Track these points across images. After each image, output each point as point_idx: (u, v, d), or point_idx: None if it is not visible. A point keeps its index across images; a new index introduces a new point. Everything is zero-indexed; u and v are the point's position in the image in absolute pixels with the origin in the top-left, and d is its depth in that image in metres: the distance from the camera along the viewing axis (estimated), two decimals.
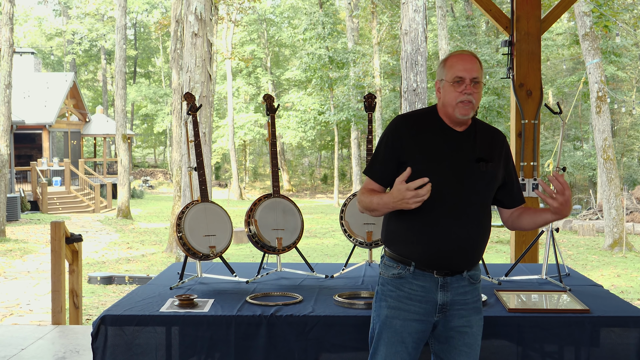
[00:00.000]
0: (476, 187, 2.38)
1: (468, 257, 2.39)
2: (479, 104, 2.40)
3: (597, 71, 14.87)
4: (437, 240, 2.35)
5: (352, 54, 29.28)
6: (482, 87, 2.39)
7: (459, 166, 2.36)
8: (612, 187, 14.77)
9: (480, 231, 2.40)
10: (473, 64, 2.38)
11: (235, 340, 2.84)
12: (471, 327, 2.43)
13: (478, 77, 2.37)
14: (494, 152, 2.44)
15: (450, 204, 2.34)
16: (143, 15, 45.03)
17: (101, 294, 9.72)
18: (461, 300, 2.41)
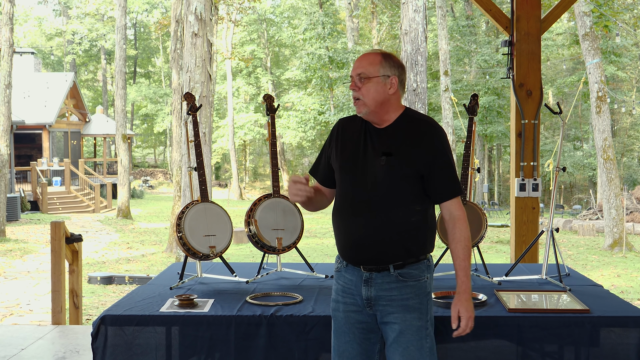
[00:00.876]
0: (381, 182, 2.38)
1: (373, 251, 2.40)
2: (372, 98, 2.39)
3: (597, 71, 14.87)
4: (344, 234, 2.46)
5: (352, 54, 29.28)
6: (372, 81, 2.38)
7: (367, 162, 2.42)
8: (612, 187, 14.77)
9: (389, 226, 2.38)
10: (362, 61, 2.43)
11: (235, 340, 2.84)
12: (400, 325, 2.39)
13: (363, 72, 2.40)
14: (407, 146, 2.38)
15: (357, 199, 2.41)
16: (143, 15, 45.03)
17: (101, 294, 9.72)
18: (387, 296, 2.41)
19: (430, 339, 2.44)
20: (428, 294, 2.45)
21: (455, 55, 29.10)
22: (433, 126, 2.42)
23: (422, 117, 2.48)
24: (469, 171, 3.77)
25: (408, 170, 2.38)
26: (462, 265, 2.41)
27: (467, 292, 2.41)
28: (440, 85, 20.01)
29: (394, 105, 2.44)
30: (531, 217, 5.09)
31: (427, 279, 2.45)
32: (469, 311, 2.40)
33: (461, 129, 24.71)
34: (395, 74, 2.43)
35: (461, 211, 2.43)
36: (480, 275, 3.69)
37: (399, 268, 2.40)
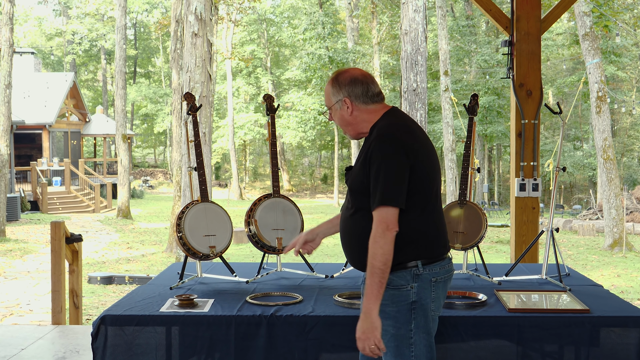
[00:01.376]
0: (349, 193, 2.53)
1: (351, 258, 2.54)
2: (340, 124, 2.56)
3: (597, 71, 14.87)
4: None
5: (352, 54, 29.29)
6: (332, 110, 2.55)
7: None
8: (612, 187, 14.77)
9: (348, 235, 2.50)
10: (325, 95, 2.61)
11: (235, 340, 2.84)
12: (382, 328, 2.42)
13: (327, 106, 2.58)
14: (359, 158, 2.46)
15: (341, 209, 2.60)
16: (143, 15, 45.04)
17: (101, 294, 9.72)
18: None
19: (416, 347, 2.38)
20: (412, 303, 2.38)
21: (455, 55, 29.10)
22: (377, 136, 2.41)
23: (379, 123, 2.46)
24: (469, 171, 3.77)
25: (356, 182, 2.45)
26: (366, 283, 2.33)
27: (362, 311, 2.32)
28: (440, 85, 20.01)
29: (367, 118, 2.50)
30: (531, 217, 5.09)
31: (412, 288, 2.38)
32: (358, 331, 2.32)
33: (461, 129, 24.71)
34: (344, 94, 2.49)
35: (375, 226, 2.32)
36: (480, 275, 3.69)
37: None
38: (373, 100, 2.50)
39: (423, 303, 2.39)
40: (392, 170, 2.33)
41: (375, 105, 2.51)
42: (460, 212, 3.74)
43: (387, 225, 2.31)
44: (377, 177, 2.33)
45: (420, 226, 2.41)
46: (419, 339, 2.39)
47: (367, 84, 2.50)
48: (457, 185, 19.11)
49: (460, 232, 3.72)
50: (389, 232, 2.31)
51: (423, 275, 2.39)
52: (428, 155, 2.44)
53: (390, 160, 2.33)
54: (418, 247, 2.40)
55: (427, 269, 2.40)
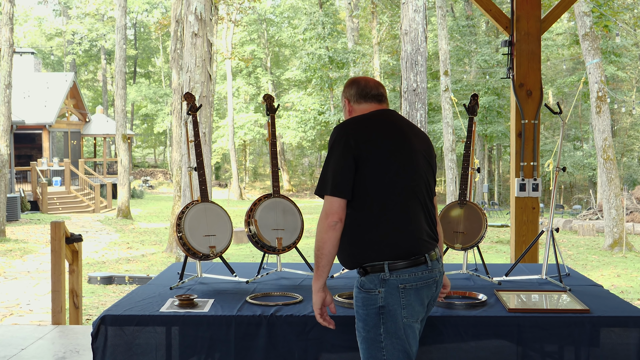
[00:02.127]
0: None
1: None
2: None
3: (597, 71, 14.87)
4: None
5: (352, 54, 29.30)
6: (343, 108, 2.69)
7: None
8: (612, 187, 14.77)
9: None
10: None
11: (235, 340, 2.84)
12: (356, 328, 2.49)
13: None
14: None
15: None
16: (143, 15, 45.03)
17: (101, 294, 9.72)
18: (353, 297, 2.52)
19: (387, 351, 2.38)
20: (380, 308, 2.37)
21: (455, 55, 29.10)
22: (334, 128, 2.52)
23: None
24: (469, 171, 3.77)
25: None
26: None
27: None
28: (440, 85, 20.01)
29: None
30: (531, 217, 5.09)
31: (379, 293, 2.37)
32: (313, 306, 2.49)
33: (461, 129, 24.71)
34: (344, 96, 2.66)
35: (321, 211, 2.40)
36: (480, 275, 3.69)
37: (361, 275, 2.43)
38: (366, 99, 2.56)
39: (391, 309, 2.36)
40: (331, 160, 2.41)
41: (368, 104, 2.56)
42: (460, 212, 3.74)
43: (325, 214, 2.37)
44: (324, 166, 2.44)
45: (385, 226, 2.39)
46: (390, 344, 2.37)
47: (363, 85, 2.57)
48: (457, 185, 19.10)
49: (460, 232, 3.72)
50: (326, 220, 2.36)
51: (390, 280, 2.36)
52: (398, 151, 2.43)
53: (331, 150, 2.42)
54: (382, 249, 2.37)
55: (394, 275, 2.36)
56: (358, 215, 2.39)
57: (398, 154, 2.42)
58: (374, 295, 2.37)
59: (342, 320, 2.81)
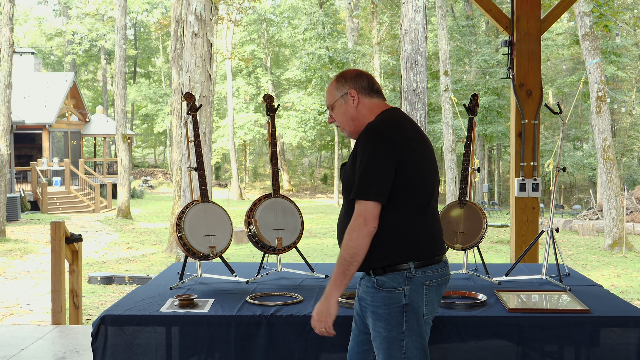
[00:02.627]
0: (344, 190, 2.50)
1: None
2: (344, 120, 2.53)
3: (597, 71, 14.87)
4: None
5: (352, 54, 29.28)
6: (335, 106, 2.53)
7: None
8: (612, 187, 14.77)
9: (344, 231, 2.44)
10: (326, 96, 2.58)
11: (235, 340, 2.84)
12: (372, 330, 2.46)
13: (328, 105, 2.56)
14: (352, 154, 2.47)
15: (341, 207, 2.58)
16: (143, 15, 45.03)
17: (101, 294, 9.72)
18: (365, 299, 2.47)
19: (407, 350, 2.39)
20: (404, 306, 2.38)
21: (455, 55, 29.10)
22: (366, 130, 2.42)
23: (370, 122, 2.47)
24: (469, 171, 3.77)
25: (347, 179, 2.45)
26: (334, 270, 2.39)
27: (324, 294, 2.40)
28: (440, 85, 20.01)
29: (367, 114, 2.50)
30: (531, 217, 5.09)
31: (404, 291, 2.38)
32: (314, 311, 2.41)
33: (461, 129, 24.71)
34: (350, 86, 2.50)
35: (356, 217, 2.33)
36: (480, 275, 3.69)
37: (378, 275, 2.41)
38: (377, 94, 2.53)
39: (415, 306, 2.38)
40: (374, 164, 2.33)
41: (378, 100, 2.52)
42: (460, 212, 3.74)
43: (365, 220, 2.31)
44: (359, 170, 2.35)
45: (414, 227, 2.40)
46: (411, 342, 2.39)
47: (370, 78, 2.55)
48: (457, 185, 19.10)
49: (460, 232, 3.72)
50: (365, 227, 2.31)
51: (415, 278, 2.38)
52: (422, 154, 2.42)
53: (373, 154, 2.34)
54: (411, 249, 2.39)
55: (419, 272, 2.39)
56: (389, 218, 2.37)
57: (425, 157, 2.44)
58: (398, 294, 2.38)
59: (342, 320, 2.81)
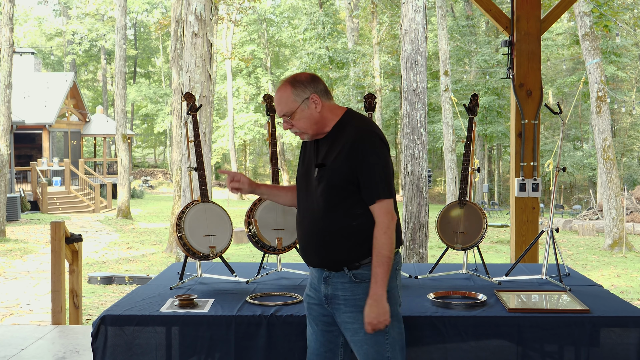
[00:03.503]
0: (315, 190, 2.49)
1: (316, 254, 2.53)
2: (307, 125, 2.50)
3: (597, 71, 14.87)
4: (299, 241, 2.64)
5: (352, 54, 29.28)
6: (297, 113, 2.49)
7: (307, 171, 2.57)
8: (612, 187, 14.77)
9: (330, 232, 2.46)
10: (277, 101, 2.53)
11: (235, 340, 2.84)
12: (353, 324, 2.47)
13: (286, 112, 2.50)
14: (334, 155, 2.46)
15: (301, 205, 2.59)
16: (143, 15, 45.03)
17: (101, 294, 9.72)
18: (341, 295, 2.48)
19: (390, 335, 2.47)
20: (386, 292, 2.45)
21: (455, 55, 29.09)
22: (358, 131, 2.45)
23: (350, 122, 2.50)
24: (469, 171, 3.77)
25: (338, 178, 2.44)
26: (373, 272, 2.40)
27: (372, 297, 2.40)
28: (440, 85, 20.01)
29: (329, 116, 2.52)
30: (531, 217, 5.09)
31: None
32: (369, 316, 2.41)
33: (461, 129, 24.71)
34: (311, 91, 2.50)
35: (382, 217, 2.42)
36: (480, 275, 3.69)
37: (354, 269, 2.46)
38: (330, 97, 2.56)
39: (392, 292, 2.47)
40: (385, 164, 2.45)
41: (332, 102, 2.57)
42: (460, 212, 3.74)
43: (392, 216, 2.43)
44: (374, 171, 2.42)
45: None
46: (391, 327, 2.47)
47: (323, 81, 2.59)
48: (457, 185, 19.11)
49: (460, 232, 3.72)
50: (393, 222, 2.43)
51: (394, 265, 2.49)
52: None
53: (382, 156, 2.44)
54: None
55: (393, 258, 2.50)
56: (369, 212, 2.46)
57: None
58: None
59: None
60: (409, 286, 3.45)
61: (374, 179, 2.41)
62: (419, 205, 9.16)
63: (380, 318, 2.40)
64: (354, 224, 2.45)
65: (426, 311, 2.91)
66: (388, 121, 34.62)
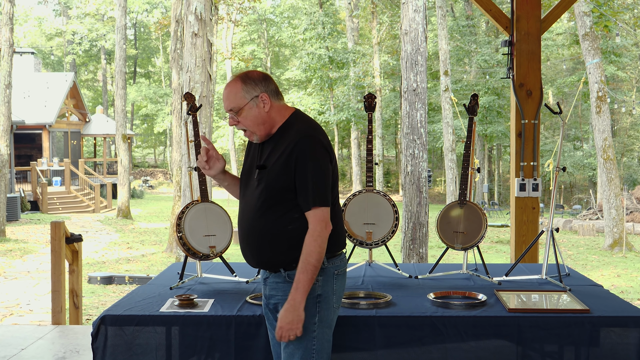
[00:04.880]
0: (254, 192, 2.48)
1: (252, 256, 2.52)
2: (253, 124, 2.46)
3: (597, 71, 14.87)
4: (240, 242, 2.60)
5: (352, 54, 29.28)
6: (244, 110, 2.44)
7: (247, 174, 2.56)
8: (612, 187, 14.77)
9: (267, 235, 2.44)
10: (226, 96, 2.48)
11: (235, 340, 2.84)
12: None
13: (233, 107, 2.46)
14: (275, 158, 2.43)
15: (241, 205, 2.58)
16: (143, 15, 45.04)
17: (101, 294, 9.73)
18: (276, 295, 2.50)
19: (318, 341, 2.44)
20: (318, 296, 2.43)
21: (455, 55, 29.10)
22: (299, 134, 2.42)
23: (297, 124, 2.47)
24: (469, 171, 3.77)
25: (276, 181, 2.41)
26: (296, 278, 2.37)
27: (289, 302, 2.37)
28: (440, 85, 20.01)
29: (277, 118, 2.50)
30: (531, 217, 5.09)
31: (317, 282, 2.43)
32: (281, 321, 2.37)
33: (461, 129, 24.71)
34: (261, 90, 2.46)
35: (315, 225, 2.38)
36: (480, 275, 3.69)
37: (290, 269, 2.45)
38: (280, 98, 2.54)
39: (326, 296, 2.46)
40: (323, 171, 2.41)
41: (281, 102, 2.55)
42: (460, 212, 3.74)
43: (326, 225, 2.39)
44: (309, 177, 2.38)
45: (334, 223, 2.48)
46: (321, 333, 2.45)
47: (274, 82, 2.56)
48: (457, 185, 19.11)
49: (460, 232, 3.72)
50: (326, 231, 2.39)
51: (327, 268, 2.47)
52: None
53: (320, 161, 2.40)
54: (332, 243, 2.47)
55: (330, 262, 2.47)
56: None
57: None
58: (313, 285, 2.42)
59: (342, 320, 2.81)
60: (409, 286, 3.46)
61: (309, 186, 2.38)
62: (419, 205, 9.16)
63: (293, 325, 2.36)
64: (290, 227, 2.42)
65: (426, 311, 2.91)
66: (388, 121, 34.62)
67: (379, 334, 2.82)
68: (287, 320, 2.36)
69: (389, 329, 2.82)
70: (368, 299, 3.10)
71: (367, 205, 3.76)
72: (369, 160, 3.83)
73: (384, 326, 2.83)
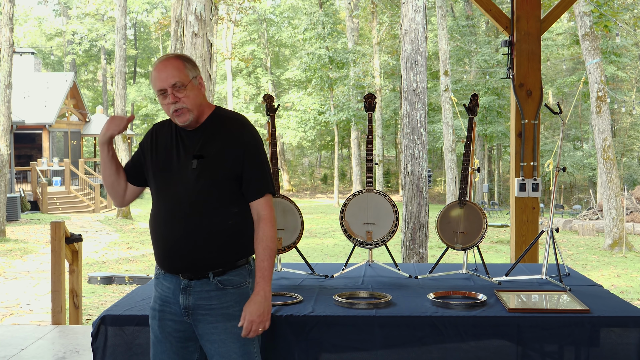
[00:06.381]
0: (191, 185, 2.33)
1: (189, 258, 2.34)
2: (195, 102, 2.35)
3: (597, 71, 14.87)
4: (160, 242, 2.39)
5: (352, 54, 29.28)
6: (188, 87, 2.32)
7: (180, 167, 2.36)
8: (612, 187, 14.77)
9: (204, 231, 2.32)
10: (168, 71, 2.32)
11: None
12: (219, 335, 2.35)
13: (177, 81, 2.31)
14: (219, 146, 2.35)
15: (171, 205, 2.36)
16: (143, 15, 45.05)
17: (101, 294, 9.73)
18: (206, 305, 2.36)
19: (256, 344, 2.43)
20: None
21: (455, 55, 29.11)
22: (243, 124, 2.41)
23: (232, 115, 2.45)
24: (469, 171, 3.77)
25: (221, 171, 2.33)
26: (260, 266, 2.33)
27: (259, 294, 2.32)
28: (440, 85, 20.02)
29: (206, 105, 2.42)
30: (531, 217, 5.09)
31: (249, 284, 2.40)
32: (252, 314, 2.31)
33: (461, 129, 24.71)
34: (198, 73, 2.41)
35: (267, 211, 2.37)
36: (480, 275, 3.69)
37: (219, 275, 2.35)
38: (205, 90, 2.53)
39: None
40: (266, 160, 2.44)
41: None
42: (460, 212, 3.74)
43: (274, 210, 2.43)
44: (257, 165, 2.38)
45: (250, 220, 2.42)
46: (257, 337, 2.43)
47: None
48: (457, 185, 19.11)
49: (460, 232, 3.72)
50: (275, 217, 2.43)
51: (253, 269, 2.44)
52: None
53: (263, 150, 2.43)
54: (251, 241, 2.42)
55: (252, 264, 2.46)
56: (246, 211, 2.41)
57: None
58: (245, 288, 2.40)
59: (342, 320, 2.81)
60: (408, 286, 3.45)
61: (262, 172, 2.39)
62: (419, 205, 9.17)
63: (264, 317, 2.32)
64: (230, 222, 2.35)
65: (426, 311, 2.91)
66: (388, 121, 34.63)
67: (378, 334, 2.81)
68: (259, 313, 2.31)
69: (388, 329, 2.82)
70: (368, 299, 3.09)
71: (367, 205, 3.75)
72: (369, 160, 3.82)
73: (384, 326, 2.82)
